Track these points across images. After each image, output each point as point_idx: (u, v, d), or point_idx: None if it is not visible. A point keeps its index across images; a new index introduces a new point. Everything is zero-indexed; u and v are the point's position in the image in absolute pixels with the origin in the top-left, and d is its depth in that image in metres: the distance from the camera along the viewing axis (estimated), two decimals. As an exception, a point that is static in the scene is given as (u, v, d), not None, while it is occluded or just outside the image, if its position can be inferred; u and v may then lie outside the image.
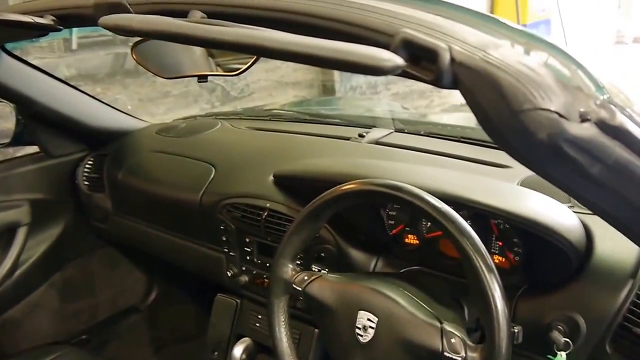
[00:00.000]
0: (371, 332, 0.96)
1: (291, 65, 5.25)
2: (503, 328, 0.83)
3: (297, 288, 1.06)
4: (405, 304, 0.96)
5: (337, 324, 1.01)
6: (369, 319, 0.96)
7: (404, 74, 0.56)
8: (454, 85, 0.54)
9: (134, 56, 1.06)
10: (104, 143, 1.90)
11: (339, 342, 1.02)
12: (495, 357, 0.84)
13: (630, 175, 0.58)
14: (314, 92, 5.44)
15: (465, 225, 0.89)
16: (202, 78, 1.09)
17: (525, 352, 1.02)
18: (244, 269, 1.49)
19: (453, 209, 0.91)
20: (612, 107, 0.53)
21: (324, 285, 1.04)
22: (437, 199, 0.92)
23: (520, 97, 0.50)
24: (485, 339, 0.86)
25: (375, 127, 1.70)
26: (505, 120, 0.52)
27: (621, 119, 0.54)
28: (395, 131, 1.67)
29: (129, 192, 1.77)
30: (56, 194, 1.85)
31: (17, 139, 1.70)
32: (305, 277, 1.06)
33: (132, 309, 2.12)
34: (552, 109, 0.50)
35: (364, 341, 0.96)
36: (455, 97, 0.56)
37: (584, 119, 0.52)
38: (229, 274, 1.51)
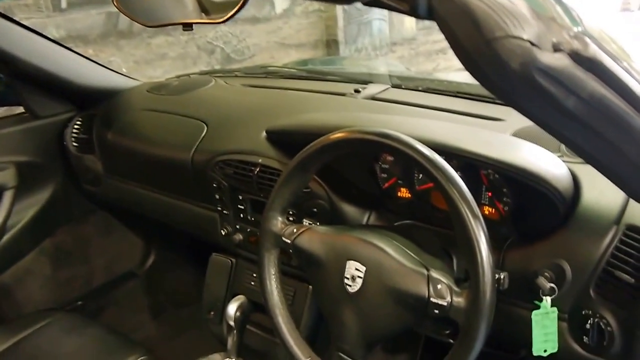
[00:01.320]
0: (359, 281, 0.95)
1: (294, 26, 5.19)
2: (487, 273, 0.83)
3: (287, 240, 1.05)
4: (393, 253, 0.95)
5: (326, 275, 1.00)
6: (357, 269, 0.95)
7: (377, 3, 0.54)
8: (429, 15, 0.53)
9: (115, 3, 1.03)
10: (93, 102, 1.86)
11: (327, 293, 1.01)
12: (480, 301, 0.83)
13: (604, 109, 0.57)
14: (317, 53, 5.37)
15: (453, 172, 0.87)
16: (188, 26, 1.06)
17: (512, 299, 1.02)
18: (237, 227, 1.47)
19: (444, 158, 0.89)
20: (586, 39, 0.53)
21: (313, 236, 1.03)
22: (426, 147, 0.90)
23: (493, 25, 0.49)
24: (470, 284, 0.85)
25: (372, 83, 1.67)
26: (478, 49, 0.50)
27: (594, 51, 0.53)
28: (392, 87, 1.64)
29: (120, 153, 1.75)
30: (44, 156, 1.81)
31: (0, 100, 1.67)
32: (295, 230, 1.05)
33: (129, 274, 2.11)
34: (525, 37, 0.49)
35: (352, 291, 0.96)
36: None
37: (556, 49, 0.51)
38: (223, 233, 1.50)
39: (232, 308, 1.35)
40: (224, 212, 1.49)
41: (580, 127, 0.60)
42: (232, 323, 1.34)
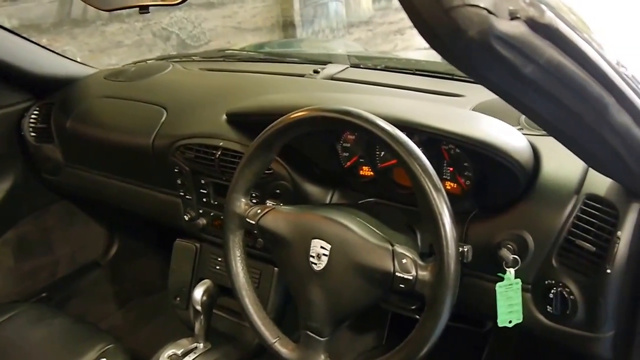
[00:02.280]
0: (325, 259, 0.96)
1: (249, 10, 5.13)
2: (451, 246, 0.84)
3: (251, 222, 1.05)
4: (358, 229, 0.96)
5: (291, 255, 1.00)
6: (322, 247, 0.96)
7: None
8: None
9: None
10: (50, 91, 1.82)
11: (294, 272, 1.01)
12: (444, 274, 0.85)
13: (562, 76, 0.58)
14: (274, 37, 5.31)
15: (415, 147, 0.88)
16: (144, 9, 1.04)
17: (477, 272, 1.05)
18: (201, 211, 1.47)
19: (405, 134, 0.90)
20: (542, 6, 0.53)
21: (277, 216, 1.03)
22: (388, 123, 0.90)
23: None
24: (435, 257, 0.87)
25: (330, 63, 1.67)
26: (437, 18, 0.51)
27: (551, 18, 0.54)
28: (351, 66, 1.65)
29: (79, 141, 1.72)
30: (1, 147, 1.77)
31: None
32: (259, 211, 1.05)
33: (93, 264, 2.08)
34: (482, 5, 0.49)
35: (318, 269, 0.96)
36: (419, 39, 0.55)
37: (513, 16, 0.53)
38: (187, 218, 1.49)
39: (198, 292, 1.34)
40: (187, 196, 1.48)
41: (539, 95, 0.61)
42: (198, 307, 1.34)
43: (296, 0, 5.36)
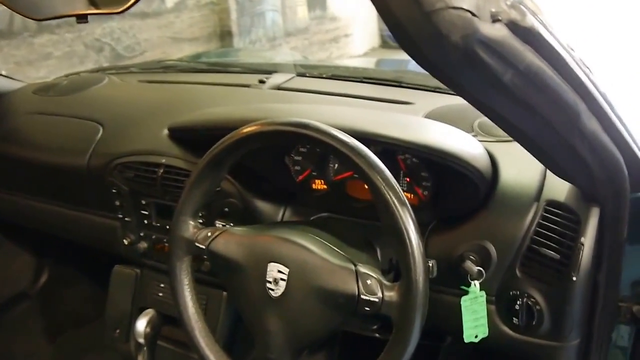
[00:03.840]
0: (283, 284, 0.88)
1: (186, 20, 5.03)
2: (419, 262, 0.79)
3: (200, 246, 0.96)
4: (317, 250, 0.89)
5: (246, 281, 0.93)
6: (279, 271, 0.89)
7: None
8: None
9: (-3, -5, 0.89)
10: None
11: (249, 299, 0.94)
12: (414, 293, 0.79)
13: (539, 82, 0.55)
14: (211, 47, 5.23)
15: (377, 159, 0.82)
16: (82, 18, 0.94)
17: (439, 287, 0.99)
18: (142, 235, 1.36)
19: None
20: (523, 8, 0.50)
21: (229, 239, 0.95)
22: (346, 134, 0.84)
23: None
24: (402, 276, 0.81)
25: (276, 72, 1.61)
26: (416, 23, 0.46)
27: (532, 21, 0.52)
28: (297, 75, 1.59)
29: (6, 162, 1.58)
30: None
31: None
32: (209, 234, 0.97)
33: (21, 296, 1.91)
34: (465, 7, 0.44)
35: (275, 295, 0.89)
36: (354, 47, 0.49)
37: (495, 19, 0.50)
38: (126, 242, 1.38)
39: (141, 324, 1.24)
40: (126, 219, 1.37)
41: (514, 103, 0.58)
42: (141, 340, 1.24)
43: (233, 9, 5.31)
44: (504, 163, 1.00)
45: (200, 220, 1.03)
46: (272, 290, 0.89)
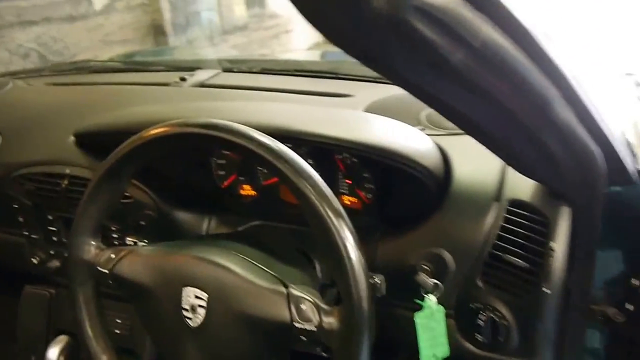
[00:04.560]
0: (202, 312, 0.75)
1: (117, 22, 4.80)
2: (360, 281, 0.66)
3: (103, 270, 0.82)
4: (240, 270, 0.76)
5: (158, 308, 0.79)
6: (197, 296, 0.75)
7: None
8: None
9: None
10: None
11: (163, 330, 0.80)
12: (356, 317, 0.66)
13: (499, 63, 0.42)
14: (146, 47, 5.02)
15: (303, 163, 0.70)
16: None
17: (392, 302, 0.87)
18: (52, 252, 1.20)
19: (289, 147, 0.72)
20: None
21: (135, 261, 0.81)
22: (266, 135, 0.71)
23: None
24: (342, 299, 0.68)
25: (200, 69, 1.47)
26: None
27: None
28: (223, 71, 1.46)
29: None
30: None
31: None
32: (112, 255, 0.82)
33: None
34: None
35: (194, 325, 0.75)
36: (296, 43, 0.36)
37: None
38: (35, 261, 1.22)
39: (53, 353, 1.09)
40: (32, 236, 1.21)
41: (466, 90, 0.45)
42: (55, 372, 1.08)
43: (166, 9, 5.12)
44: (457, 159, 0.89)
45: (113, 236, 0.88)
46: (190, 319, 0.75)
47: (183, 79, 1.39)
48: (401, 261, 0.86)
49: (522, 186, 0.83)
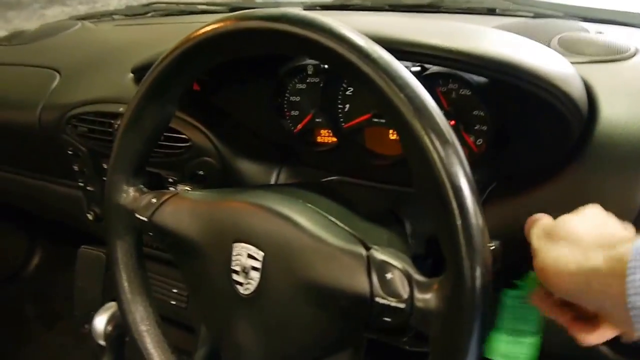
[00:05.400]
0: (255, 276, 0.57)
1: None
2: (478, 244, 0.45)
3: (142, 218, 0.66)
4: (308, 224, 0.56)
5: (204, 269, 0.62)
6: (250, 255, 0.57)
7: None
8: None
9: None
10: None
11: (208, 297, 0.63)
12: (467, 294, 0.45)
13: None
14: None
15: (413, 79, 0.48)
16: None
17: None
18: None
19: None
20: None
21: (179, 208, 0.64)
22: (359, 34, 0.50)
23: None
24: (447, 267, 0.47)
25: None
26: None
27: None
28: (305, 9, 1.27)
29: None
30: None
31: None
32: (154, 200, 0.66)
33: (12, 278, 1.69)
34: None
35: (245, 292, 0.57)
36: None
37: None
38: (90, 217, 1.10)
39: (100, 321, 0.96)
40: (88, 188, 1.09)
41: None
42: (102, 342, 0.95)
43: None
44: (605, 93, 0.66)
45: (146, 185, 0.71)
46: (240, 284, 0.58)
47: None
48: (516, 227, 0.64)
49: None
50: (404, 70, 0.47)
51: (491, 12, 1.01)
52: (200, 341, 1.02)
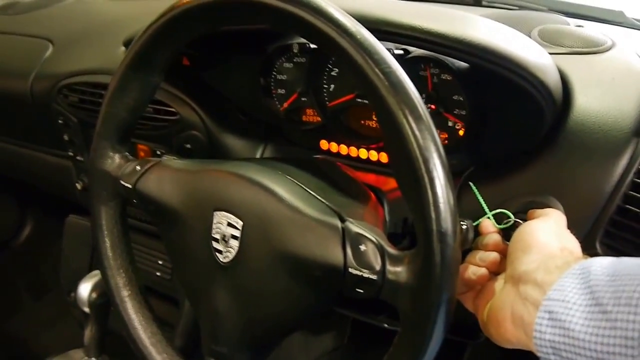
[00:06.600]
0: (234, 244, 0.58)
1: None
2: (445, 218, 0.46)
3: (126, 184, 0.67)
4: (285, 194, 0.58)
5: (184, 236, 0.63)
6: (230, 224, 0.58)
7: None
8: None
9: None
10: None
11: (188, 265, 0.65)
12: (436, 269, 0.46)
13: None
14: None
15: (392, 59, 0.49)
16: None
17: None
18: None
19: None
20: None
21: (163, 175, 0.66)
22: (341, 10, 0.51)
23: None
24: (418, 241, 0.48)
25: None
26: None
27: None
28: None
29: None
30: None
31: None
32: (138, 167, 0.67)
33: (1, 247, 1.69)
34: None
35: (224, 260, 0.59)
36: None
37: None
38: (79, 187, 1.11)
39: (84, 288, 0.96)
40: (78, 157, 1.10)
41: None
42: (86, 309, 0.97)
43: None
44: (580, 83, 0.67)
45: (127, 152, 0.72)
46: (220, 252, 0.59)
47: None
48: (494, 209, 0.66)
49: None
50: (381, 47, 0.49)
51: (477, 3, 1.02)
52: (183, 315, 1.04)
